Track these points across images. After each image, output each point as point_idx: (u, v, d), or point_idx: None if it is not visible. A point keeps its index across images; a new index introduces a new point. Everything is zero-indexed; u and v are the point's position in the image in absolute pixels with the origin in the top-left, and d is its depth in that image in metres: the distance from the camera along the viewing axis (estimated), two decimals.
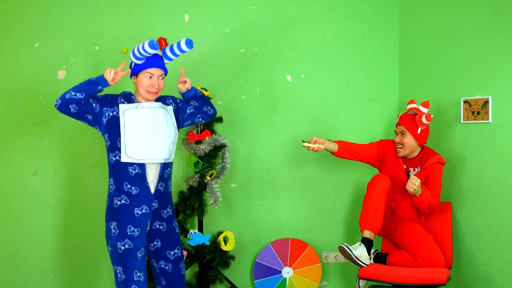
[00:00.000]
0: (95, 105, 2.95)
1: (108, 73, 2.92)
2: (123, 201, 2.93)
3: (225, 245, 3.68)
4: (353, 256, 3.25)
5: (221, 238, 3.70)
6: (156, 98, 3.04)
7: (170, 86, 3.70)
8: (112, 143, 2.96)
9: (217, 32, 4.06)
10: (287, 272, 4.06)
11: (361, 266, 3.28)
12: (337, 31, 4.18)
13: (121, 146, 2.93)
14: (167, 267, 3.08)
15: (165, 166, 3.02)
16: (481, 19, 3.54)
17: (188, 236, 3.65)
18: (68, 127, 3.87)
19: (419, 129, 3.49)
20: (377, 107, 4.23)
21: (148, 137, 2.94)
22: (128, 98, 3.03)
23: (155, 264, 3.09)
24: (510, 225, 3.36)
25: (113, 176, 2.98)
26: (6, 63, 3.86)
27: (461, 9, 3.68)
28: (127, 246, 2.89)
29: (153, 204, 2.99)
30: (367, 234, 3.30)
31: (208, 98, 3.32)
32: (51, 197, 3.91)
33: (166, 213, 3.07)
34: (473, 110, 3.56)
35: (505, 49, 3.38)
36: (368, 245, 3.27)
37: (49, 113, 3.85)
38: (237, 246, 3.97)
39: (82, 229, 3.93)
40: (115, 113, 2.96)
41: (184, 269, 3.15)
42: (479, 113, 3.52)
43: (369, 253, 3.28)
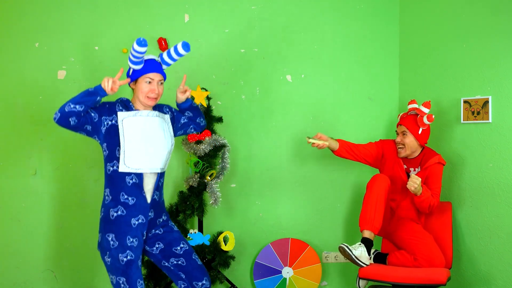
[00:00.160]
0: (93, 115, 2.87)
1: (106, 82, 2.82)
2: (119, 212, 2.88)
3: (225, 245, 3.68)
4: (353, 256, 3.25)
5: (221, 238, 3.70)
6: (155, 104, 2.99)
7: (169, 86, 3.70)
8: (110, 153, 2.91)
9: (217, 32, 4.05)
10: (287, 272, 4.05)
11: (361, 266, 3.28)
12: (337, 31, 4.18)
13: (120, 155, 2.88)
14: (180, 261, 3.00)
15: (161, 175, 3.00)
16: (481, 19, 3.54)
17: (188, 236, 3.65)
18: None
19: (420, 130, 3.49)
20: (377, 107, 4.23)
21: (147, 146, 2.90)
22: (126, 105, 2.97)
23: (167, 263, 3.02)
24: (510, 225, 3.36)
25: (109, 186, 2.92)
26: (6, 63, 3.86)
27: (461, 9, 3.68)
28: (129, 257, 2.85)
29: (149, 214, 2.95)
30: (367, 234, 3.30)
31: (200, 110, 3.29)
32: (51, 197, 3.91)
33: (161, 221, 3.05)
34: (473, 110, 3.56)
35: (505, 49, 3.39)
36: (368, 245, 3.27)
37: (49, 113, 3.83)
38: (237, 246, 3.97)
39: (82, 229, 3.93)
40: (113, 121, 2.90)
41: (199, 260, 3.06)
42: (479, 113, 3.52)
43: (369, 253, 3.28)
